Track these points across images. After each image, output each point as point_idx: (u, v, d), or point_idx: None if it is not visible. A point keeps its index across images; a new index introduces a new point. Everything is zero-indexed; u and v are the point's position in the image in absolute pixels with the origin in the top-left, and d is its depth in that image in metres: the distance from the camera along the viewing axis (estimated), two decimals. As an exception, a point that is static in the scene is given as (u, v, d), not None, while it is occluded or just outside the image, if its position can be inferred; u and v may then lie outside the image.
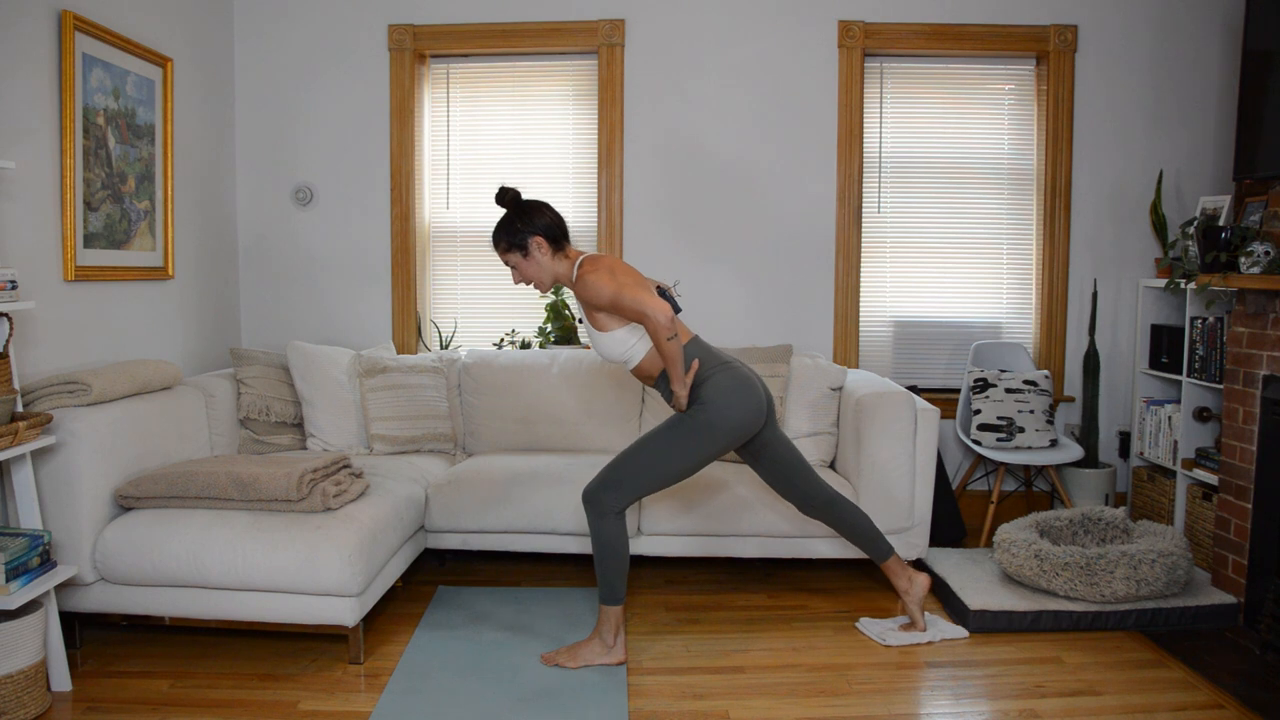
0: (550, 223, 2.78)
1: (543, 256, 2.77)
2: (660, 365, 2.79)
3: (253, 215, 4.35)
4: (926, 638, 3.02)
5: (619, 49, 4.23)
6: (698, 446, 2.75)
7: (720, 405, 2.73)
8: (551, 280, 2.81)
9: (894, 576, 3.07)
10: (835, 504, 3.00)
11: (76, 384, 2.84)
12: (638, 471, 2.76)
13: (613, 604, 2.80)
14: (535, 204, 2.80)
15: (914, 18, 4.19)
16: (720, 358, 2.84)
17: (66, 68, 3.07)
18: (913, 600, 3.06)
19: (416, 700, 2.60)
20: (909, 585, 3.06)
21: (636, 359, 2.81)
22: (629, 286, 2.67)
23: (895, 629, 3.08)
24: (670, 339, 2.64)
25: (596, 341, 2.82)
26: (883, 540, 3.06)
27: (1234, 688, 2.68)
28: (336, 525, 2.80)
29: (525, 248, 2.76)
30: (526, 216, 2.76)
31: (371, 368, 3.81)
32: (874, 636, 3.04)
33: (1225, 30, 4.14)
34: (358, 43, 4.28)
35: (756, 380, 2.83)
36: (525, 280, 2.83)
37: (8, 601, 2.41)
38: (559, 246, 2.79)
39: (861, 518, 3.03)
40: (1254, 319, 3.23)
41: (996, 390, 4.01)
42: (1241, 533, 3.23)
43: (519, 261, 2.79)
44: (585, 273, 2.72)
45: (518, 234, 2.75)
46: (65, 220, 3.10)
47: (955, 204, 4.34)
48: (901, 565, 3.08)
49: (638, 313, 2.65)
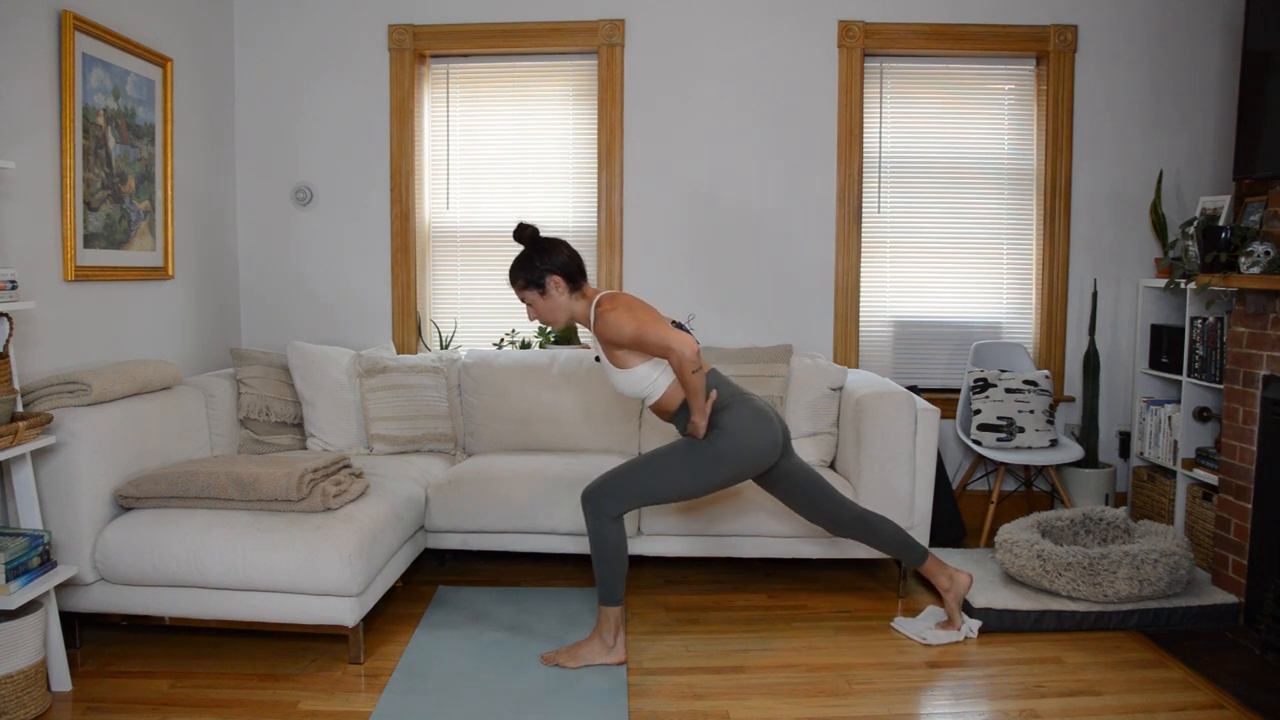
0: (568, 260, 2.77)
1: (560, 295, 2.76)
2: (679, 399, 2.80)
3: (253, 215, 4.35)
4: (963, 634, 3.03)
5: (619, 49, 4.23)
6: (709, 472, 2.76)
7: (737, 435, 2.74)
8: (567, 318, 2.81)
9: (934, 577, 3.07)
10: (864, 520, 3.00)
11: (76, 384, 2.84)
12: (643, 484, 2.77)
13: (612, 604, 2.80)
14: (553, 241, 2.80)
15: (914, 18, 4.19)
16: (737, 389, 2.85)
17: (66, 68, 3.07)
18: (954, 599, 3.06)
19: (416, 700, 2.60)
20: (950, 584, 3.06)
21: (658, 393, 2.81)
22: (651, 323, 2.68)
23: (933, 627, 3.08)
24: (695, 372, 2.65)
25: (617, 379, 2.81)
26: (917, 545, 3.07)
27: (1234, 688, 2.68)
28: (336, 525, 2.80)
29: (543, 286, 2.76)
30: (545, 254, 2.76)
31: (371, 368, 3.81)
32: (913, 635, 3.04)
33: (1225, 30, 4.14)
34: (358, 43, 4.28)
35: (773, 414, 2.84)
36: (540, 318, 2.83)
37: (8, 601, 2.41)
38: (575, 285, 2.78)
39: (891, 527, 3.03)
40: (1254, 319, 3.23)
41: (996, 390, 4.01)
42: (1241, 533, 3.23)
43: (535, 299, 2.79)
44: (605, 311, 2.71)
45: (535, 271, 2.75)
46: (65, 220, 3.10)
47: (955, 204, 4.34)
48: (940, 565, 3.08)
49: (663, 348, 2.65)
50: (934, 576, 3.08)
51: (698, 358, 2.65)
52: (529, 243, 2.80)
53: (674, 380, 2.78)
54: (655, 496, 2.81)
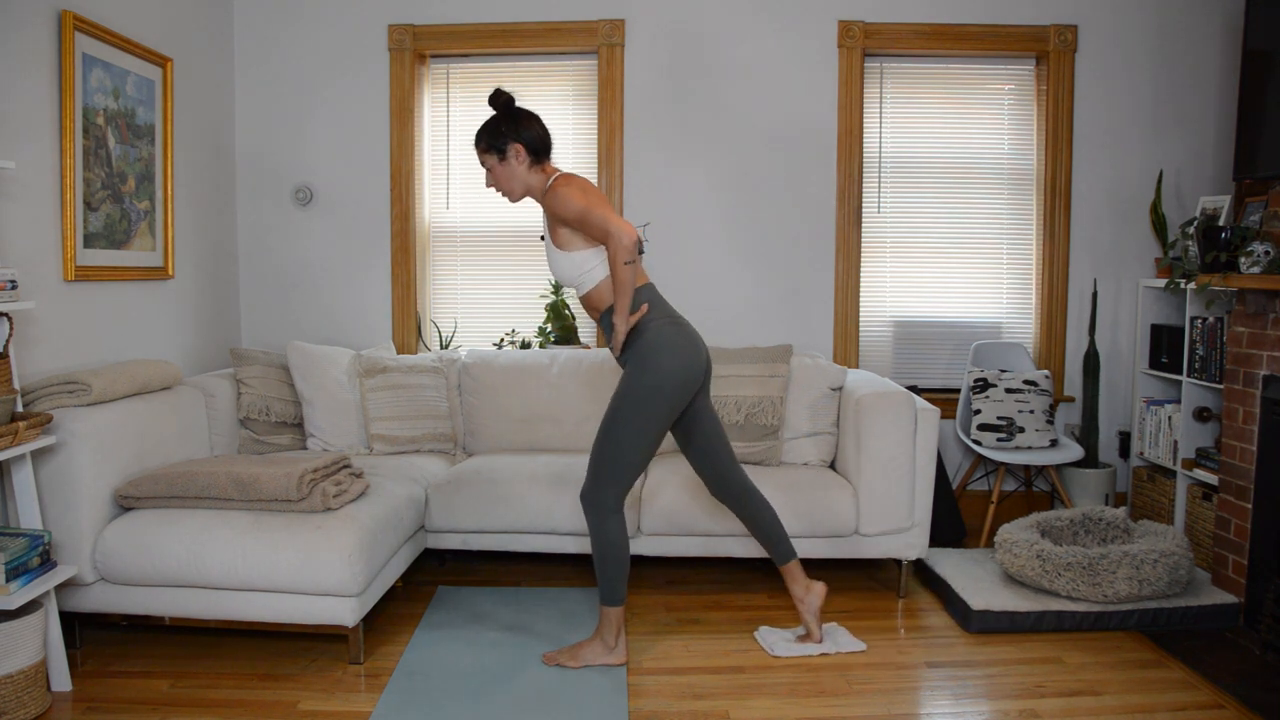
0: (536, 136, 2.76)
1: (519, 165, 2.75)
2: (605, 300, 2.75)
3: (253, 215, 4.35)
4: (820, 649, 2.92)
5: (619, 49, 4.23)
6: (652, 411, 2.70)
7: (659, 360, 2.69)
8: (523, 190, 2.79)
9: (791, 582, 2.98)
10: (749, 493, 2.95)
11: (76, 384, 2.84)
12: (614, 461, 2.72)
13: (613, 605, 2.80)
14: (526, 113, 2.78)
15: (914, 18, 4.19)
16: (669, 311, 2.79)
17: (66, 68, 3.07)
18: (808, 609, 2.96)
19: (416, 700, 2.60)
20: (805, 594, 2.97)
21: (590, 284, 2.76)
22: (598, 205, 2.65)
23: (792, 640, 2.98)
24: (627, 263, 2.60)
25: (555, 260, 2.78)
26: (787, 542, 2.99)
27: (1234, 688, 2.68)
28: (336, 525, 2.80)
29: (504, 152, 2.74)
30: (513, 123, 2.75)
31: (371, 368, 3.81)
32: (765, 647, 2.96)
33: (1225, 30, 4.14)
34: (358, 43, 4.28)
35: (699, 339, 2.80)
36: (496, 185, 2.81)
37: (8, 601, 2.41)
38: (538, 160, 2.77)
39: (771, 514, 2.97)
40: (1254, 319, 3.23)
41: (996, 390, 4.01)
42: (1241, 533, 3.23)
43: (494, 165, 2.77)
44: (558, 185, 2.71)
45: (500, 137, 2.74)
46: (65, 220, 3.10)
47: (955, 204, 4.34)
48: (800, 571, 2.98)
49: (603, 230, 2.62)
50: (791, 582, 2.98)
51: (634, 249, 2.60)
52: (501, 109, 2.78)
53: (608, 277, 2.72)
54: (634, 460, 2.73)
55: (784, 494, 3.31)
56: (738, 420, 3.61)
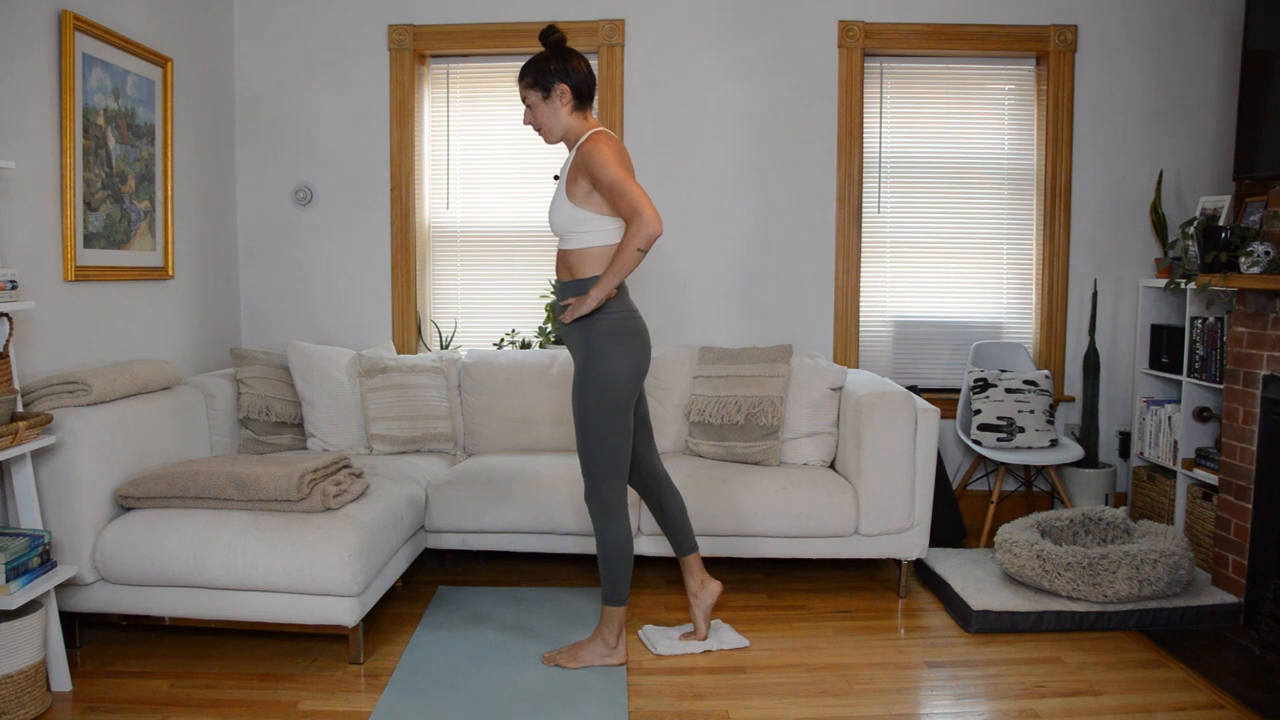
0: (583, 79, 2.71)
1: (562, 106, 2.70)
2: (591, 268, 2.70)
3: (253, 215, 4.35)
4: (704, 647, 2.92)
5: (619, 49, 4.23)
6: (615, 396, 2.68)
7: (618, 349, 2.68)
8: (561, 133, 2.73)
9: (689, 575, 2.97)
10: (661, 481, 2.96)
11: (76, 384, 2.84)
12: (599, 450, 2.71)
13: (616, 605, 2.80)
14: (576, 55, 2.73)
15: (914, 18, 4.19)
16: (629, 304, 2.77)
17: (66, 68, 3.07)
18: (699, 605, 2.96)
19: (416, 700, 2.60)
20: (700, 589, 2.96)
21: (578, 244, 2.70)
22: (633, 182, 2.60)
23: (676, 638, 2.97)
24: (640, 250, 2.56)
25: (558, 205, 2.71)
26: (691, 534, 2.99)
27: (1234, 688, 2.68)
28: (336, 525, 2.80)
29: (549, 90, 2.69)
30: (562, 62, 2.69)
31: (371, 368, 3.81)
32: (648, 644, 2.95)
33: (1225, 30, 4.14)
34: (358, 43, 4.28)
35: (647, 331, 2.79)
36: (535, 124, 2.75)
37: (8, 601, 2.41)
38: (581, 105, 2.72)
39: (680, 504, 2.98)
40: (1254, 319, 3.23)
41: (997, 390, 4.01)
42: (1241, 533, 3.23)
43: (537, 102, 2.71)
44: (598, 140, 2.65)
45: (548, 75, 2.68)
46: (65, 220, 3.10)
47: (955, 204, 4.34)
48: (699, 566, 2.98)
49: (632, 210, 2.54)
50: (689, 575, 2.96)
51: (653, 240, 2.55)
52: (552, 46, 2.72)
53: (602, 246, 2.68)
54: (617, 452, 2.72)
55: (784, 494, 3.31)
56: (738, 420, 3.61)
